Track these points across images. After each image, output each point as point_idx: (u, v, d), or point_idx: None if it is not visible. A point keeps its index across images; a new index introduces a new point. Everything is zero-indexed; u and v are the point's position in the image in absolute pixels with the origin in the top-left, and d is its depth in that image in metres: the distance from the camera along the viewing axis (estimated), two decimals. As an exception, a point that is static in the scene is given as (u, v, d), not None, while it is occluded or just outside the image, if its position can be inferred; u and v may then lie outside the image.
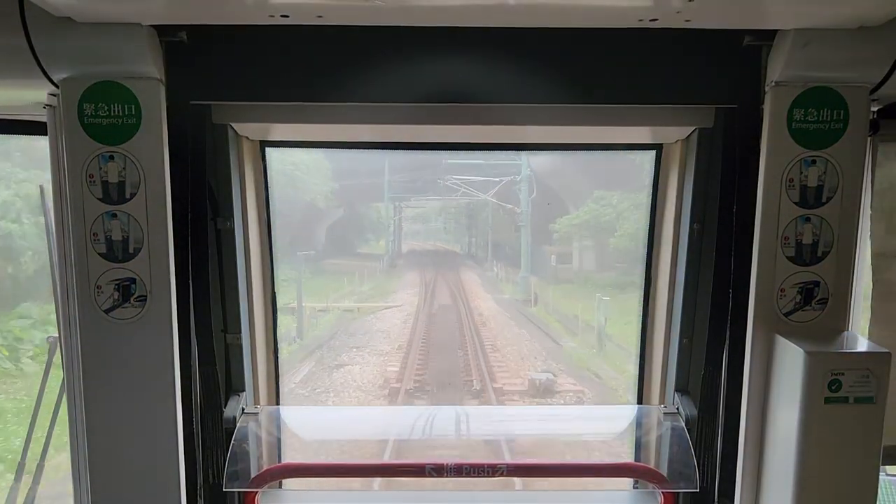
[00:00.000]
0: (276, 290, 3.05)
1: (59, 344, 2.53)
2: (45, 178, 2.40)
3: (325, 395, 12.43)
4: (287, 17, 2.13)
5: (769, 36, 2.24)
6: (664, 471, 2.76)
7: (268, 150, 2.88)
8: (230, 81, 2.36)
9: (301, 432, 3.07)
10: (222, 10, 2.10)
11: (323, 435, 3.17)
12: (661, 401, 2.96)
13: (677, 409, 2.83)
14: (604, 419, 3.26)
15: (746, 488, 2.51)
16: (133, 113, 2.23)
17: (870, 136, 2.35)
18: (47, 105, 2.32)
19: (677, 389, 2.85)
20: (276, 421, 2.97)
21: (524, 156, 18.54)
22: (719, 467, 2.63)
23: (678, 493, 2.77)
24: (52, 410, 2.88)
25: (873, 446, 2.20)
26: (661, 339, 2.95)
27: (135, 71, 2.21)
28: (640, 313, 3.08)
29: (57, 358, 2.65)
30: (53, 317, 2.53)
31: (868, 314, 2.51)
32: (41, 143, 2.39)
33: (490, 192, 20.72)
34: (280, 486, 3.10)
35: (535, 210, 20.14)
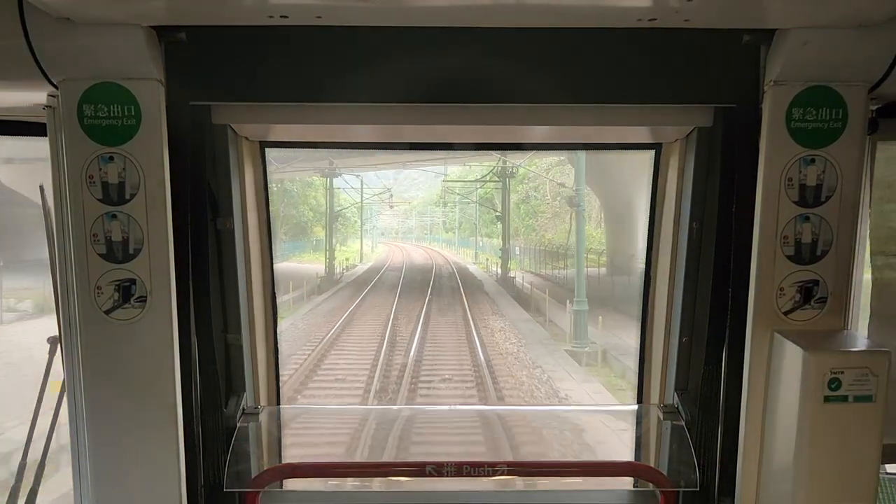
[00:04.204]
0: (275, 290, 3.05)
1: (59, 344, 2.53)
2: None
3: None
4: (286, 17, 2.13)
5: (768, 35, 2.24)
6: (664, 470, 2.76)
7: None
8: (230, 82, 2.36)
9: (301, 432, 3.07)
10: (222, 10, 2.11)
11: (324, 434, 3.17)
12: (661, 400, 2.96)
13: (677, 407, 2.84)
14: (603, 418, 3.27)
15: (746, 487, 2.51)
16: (133, 114, 2.23)
17: (869, 134, 2.35)
18: (47, 106, 2.32)
19: (677, 388, 2.85)
20: (277, 421, 2.97)
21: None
22: (719, 466, 2.62)
23: (678, 491, 2.77)
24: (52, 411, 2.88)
25: (873, 445, 2.20)
26: (660, 337, 2.96)
27: (134, 72, 2.21)
28: (640, 312, 3.08)
29: (57, 358, 2.65)
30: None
31: (867, 313, 2.51)
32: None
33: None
34: (281, 486, 3.11)
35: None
